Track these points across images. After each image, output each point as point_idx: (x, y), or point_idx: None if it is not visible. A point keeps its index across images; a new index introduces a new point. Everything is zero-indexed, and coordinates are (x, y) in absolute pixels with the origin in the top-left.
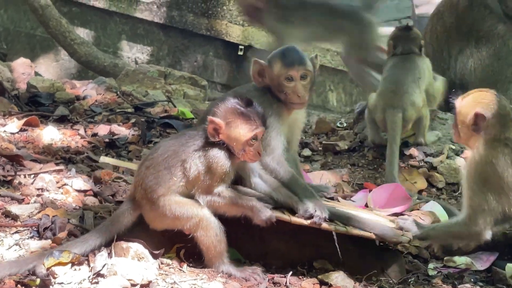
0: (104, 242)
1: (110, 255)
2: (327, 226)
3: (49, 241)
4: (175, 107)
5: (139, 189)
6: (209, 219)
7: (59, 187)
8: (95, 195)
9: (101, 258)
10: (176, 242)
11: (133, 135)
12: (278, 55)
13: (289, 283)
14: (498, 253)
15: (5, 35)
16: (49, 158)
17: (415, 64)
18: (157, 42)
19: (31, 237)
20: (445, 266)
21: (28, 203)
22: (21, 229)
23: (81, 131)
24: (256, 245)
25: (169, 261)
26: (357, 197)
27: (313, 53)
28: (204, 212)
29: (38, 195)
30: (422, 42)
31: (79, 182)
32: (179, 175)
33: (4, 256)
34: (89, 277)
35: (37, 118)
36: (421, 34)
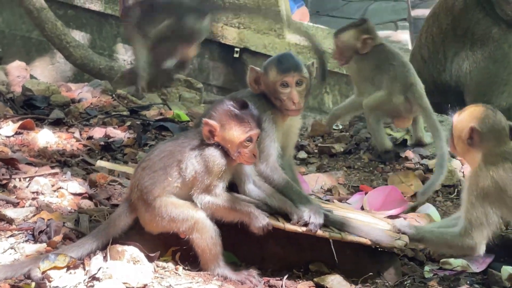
0: (100, 245)
1: (105, 258)
2: (321, 233)
3: (44, 245)
4: (170, 109)
5: (135, 191)
6: (205, 222)
7: (54, 191)
8: (91, 198)
9: (97, 261)
10: (171, 245)
11: (128, 138)
12: (273, 62)
13: (285, 286)
14: (494, 255)
15: (0, 38)
16: (44, 161)
17: None
18: None
19: (26, 241)
20: (441, 268)
21: (23, 207)
22: (16, 232)
23: (77, 134)
24: (252, 248)
25: (164, 264)
26: (353, 199)
27: (309, 55)
28: (199, 214)
29: (33, 199)
30: None
31: (75, 185)
32: (174, 175)
33: None
34: (84, 281)
35: (32, 121)
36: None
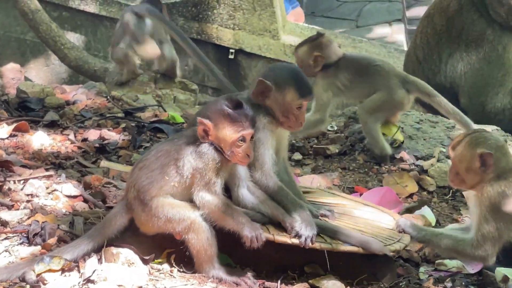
0: (96, 246)
1: (100, 260)
2: (311, 244)
3: (39, 247)
4: (165, 111)
5: (132, 190)
6: (201, 223)
7: (49, 193)
8: (85, 201)
9: (91, 263)
10: (166, 247)
11: (123, 140)
12: (291, 82)
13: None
14: None
15: None
16: (39, 163)
17: None
18: None
19: (21, 243)
20: (436, 269)
21: (17, 209)
22: (11, 235)
23: (71, 136)
24: (247, 250)
25: (159, 267)
26: None
27: None
28: (196, 215)
29: (27, 201)
30: None
31: (69, 187)
32: (172, 174)
33: None
34: (79, 283)
35: (27, 123)
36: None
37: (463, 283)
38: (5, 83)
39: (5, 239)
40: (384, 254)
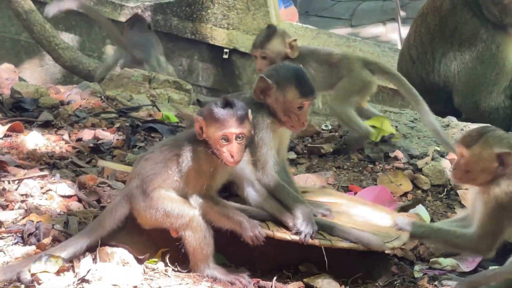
0: (98, 237)
1: (94, 260)
2: (311, 241)
3: (34, 247)
4: (159, 111)
5: (135, 179)
6: (199, 221)
7: (44, 193)
8: (80, 201)
9: (86, 263)
10: (161, 246)
11: (117, 139)
12: (293, 81)
13: (275, 287)
14: None
15: None
16: (33, 163)
17: None
18: None
19: (16, 243)
20: (430, 268)
21: (12, 209)
22: (5, 235)
23: (66, 136)
24: (241, 248)
25: (154, 266)
26: None
27: None
28: (195, 212)
29: (22, 201)
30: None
31: (64, 187)
32: (173, 168)
33: None
34: (74, 283)
35: (21, 123)
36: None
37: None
38: None
39: (0, 239)
40: (379, 252)
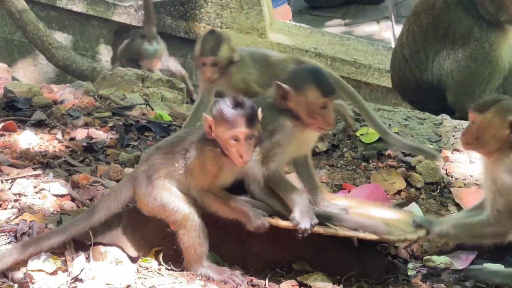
0: (102, 219)
1: (88, 259)
2: (316, 229)
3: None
4: (153, 110)
5: (144, 164)
6: (194, 220)
7: (37, 192)
8: (73, 200)
9: (79, 262)
10: (154, 245)
11: (111, 138)
12: (311, 82)
13: (268, 285)
14: (476, 252)
15: None
16: (26, 163)
17: None
18: None
19: (9, 243)
20: (424, 266)
21: (5, 209)
22: None
23: (59, 136)
24: (234, 247)
25: (147, 265)
26: None
27: (292, 54)
28: (190, 210)
29: (15, 200)
30: None
31: (57, 186)
32: (180, 162)
33: None
34: (67, 282)
35: (15, 123)
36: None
37: (451, 279)
38: None
39: None
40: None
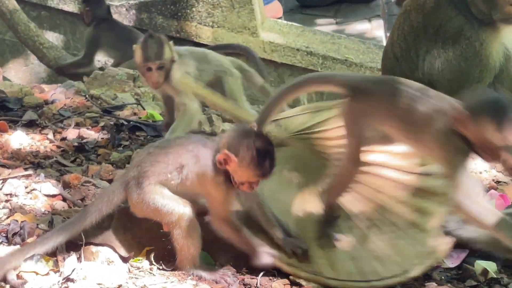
0: (94, 221)
1: (79, 259)
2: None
3: (18, 247)
4: (144, 109)
5: (134, 169)
6: (189, 220)
7: (28, 192)
8: (64, 200)
9: (71, 262)
10: (145, 245)
11: (102, 138)
12: (499, 117)
13: (260, 284)
14: (468, 250)
15: None
16: (17, 163)
17: None
18: None
19: (0, 243)
20: None
21: None
22: None
23: (50, 136)
24: (225, 246)
25: (139, 265)
26: None
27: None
28: (185, 210)
29: (6, 201)
30: None
31: (48, 186)
32: (174, 175)
33: None
34: (58, 282)
35: (6, 123)
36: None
37: (443, 278)
38: None
39: None
40: None
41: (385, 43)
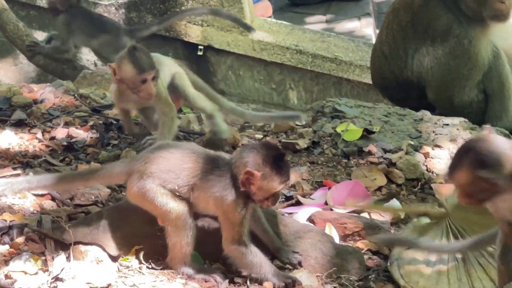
0: (90, 184)
1: (68, 258)
2: None
3: (7, 246)
4: None
5: (142, 163)
6: (186, 219)
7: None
8: (53, 199)
9: (60, 262)
10: (134, 244)
11: (91, 137)
12: None
13: (250, 283)
14: None
15: None
16: (6, 162)
17: None
18: None
19: None
20: None
21: None
22: None
23: (39, 135)
24: (216, 246)
25: (128, 264)
26: (316, 195)
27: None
28: (183, 209)
29: None
30: None
31: None
32: (183, 190)
33: None
34: (47, 281)
35: None
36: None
37: None
38: None
39: None
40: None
41: (374, 41)
